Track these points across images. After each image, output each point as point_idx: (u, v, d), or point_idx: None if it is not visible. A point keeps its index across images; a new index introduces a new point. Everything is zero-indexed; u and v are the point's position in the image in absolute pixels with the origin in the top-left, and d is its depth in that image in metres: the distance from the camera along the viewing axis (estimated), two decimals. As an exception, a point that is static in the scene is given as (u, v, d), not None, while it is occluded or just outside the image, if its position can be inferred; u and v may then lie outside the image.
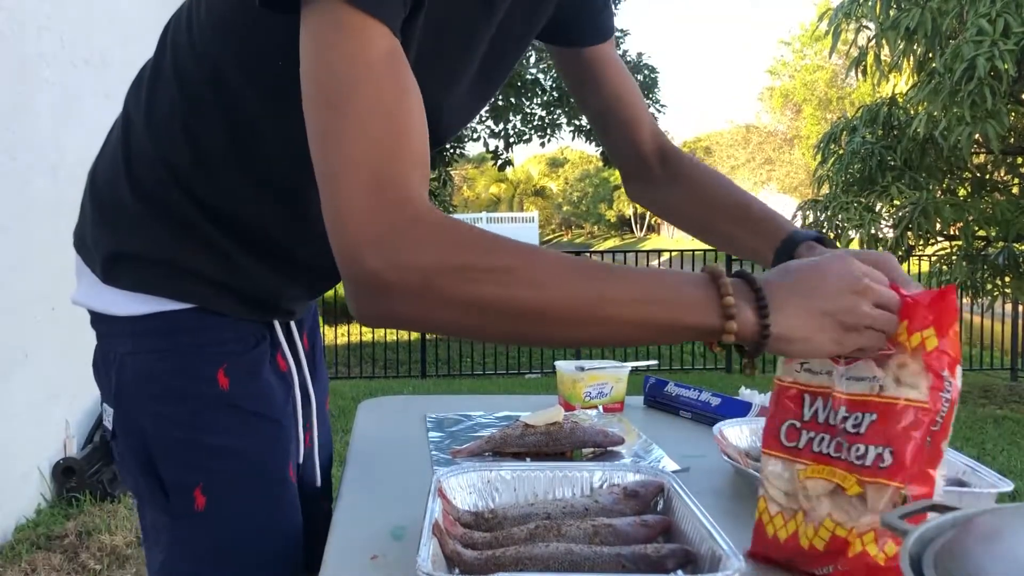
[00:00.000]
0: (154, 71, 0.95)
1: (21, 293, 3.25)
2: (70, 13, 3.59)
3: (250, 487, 0.98)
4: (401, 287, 0.67)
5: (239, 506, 0.97)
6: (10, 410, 3.21)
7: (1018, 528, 0.57)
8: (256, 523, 0.98)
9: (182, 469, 0.95)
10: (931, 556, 0.55)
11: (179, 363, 0.95)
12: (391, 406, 1.63)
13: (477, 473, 0.96)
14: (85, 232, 1.00)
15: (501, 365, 7.89)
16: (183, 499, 0.95)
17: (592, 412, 1.47)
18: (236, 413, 0.96)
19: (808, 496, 0.80)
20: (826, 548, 0.78)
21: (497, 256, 0.69)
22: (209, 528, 0.96)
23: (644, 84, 12.38)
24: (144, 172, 0.94)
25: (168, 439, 0.95)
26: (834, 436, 0.80)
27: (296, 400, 1.08)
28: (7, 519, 3.19)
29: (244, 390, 0.97)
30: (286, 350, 1.07)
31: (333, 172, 0.68)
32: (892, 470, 0.74)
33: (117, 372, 0.96)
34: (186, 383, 0.95)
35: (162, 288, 0.95)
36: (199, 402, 0.95)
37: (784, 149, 27.32)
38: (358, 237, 0.67)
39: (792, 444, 0.83)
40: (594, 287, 0.70)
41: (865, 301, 0.73)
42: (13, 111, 3.23)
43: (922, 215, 5.44)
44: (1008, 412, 5.88)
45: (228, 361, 0.96)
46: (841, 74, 19.28)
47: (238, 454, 0.97)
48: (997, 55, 4.62)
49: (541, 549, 0.79)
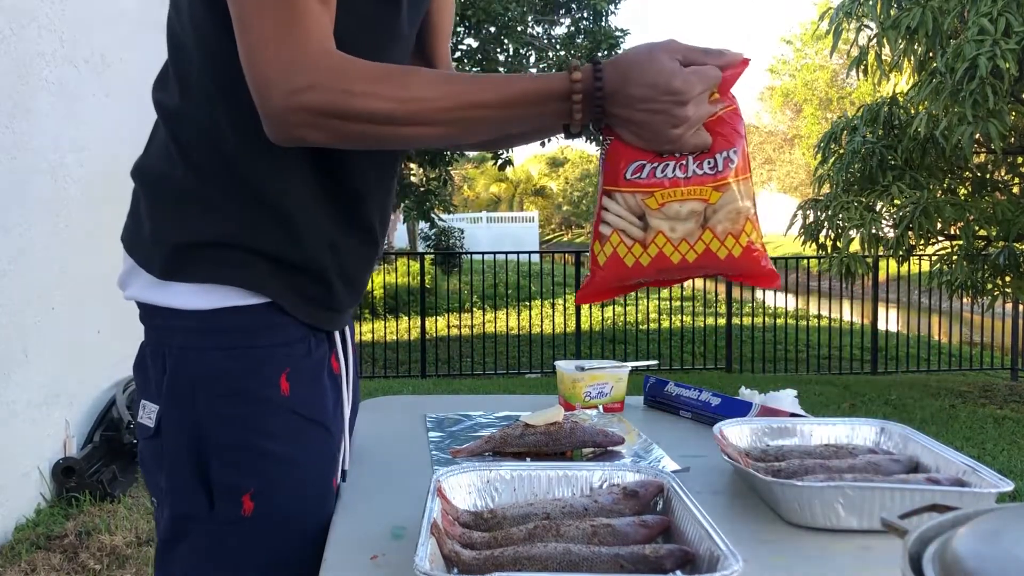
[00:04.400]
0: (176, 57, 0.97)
1: (21, 293, 3.25)
2: (70, 13, 3.59)
3: (299, 496, 0.96)
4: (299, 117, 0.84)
5: (286, 514, 0.95)
6: (10, 410, 3.22)
7: (1018, 528, 0.57)
8: (300, 532, 0.96)
9: (235, 472, 0.92)
10: (931, 556, 0.55)
11: (248, 363, 0.93)
12: (391, 406, 1.63)
13: (477, 473, 0.96)
14: (141, 231, 0.97)
15: (501, 365, 7.90)
16: (231, 504, 0.92)
17: (592, 412, 1.47)
18: (294, 420, 0.95)
19: (667, 218, 0.90)
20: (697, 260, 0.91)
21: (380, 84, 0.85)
22: (253, 535, 0.94)
23: (644, 84, 12.37)
24: (202, 156, 0.94)
25: (226, 441, 0.92)
26: (679, 162, 0.90)
27: (345, 404, 1.07)
28: (7, 519, 3.19)
29: (303, 397, 0.96)
30: (339, 351, 1.06)
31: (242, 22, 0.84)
32: (741, 167, 0.90)
33: (174, 367, 0.93)
34: (252, 385, 0.93)
35: (234, 278, 0.93)
36: (263, 406, 0.93)
37: (784, 149, 27.32)
38: (259, 76, 0.84)
39: (636, 177, 0.90)
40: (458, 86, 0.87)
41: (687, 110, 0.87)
42: (13, 111, 3.23)
43: (923, 215, 5.44)
44: (1008, 412, 5.88)
45: (291, 366, 0.95)
46: (841, 73, 19.28)
47: (292, 462, 0.95)
48: (999, 54, 4.61)
49: (540, 549, 0.79)
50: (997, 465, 4.17)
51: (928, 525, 0.60)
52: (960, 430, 5.21)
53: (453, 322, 9.05)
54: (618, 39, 12.59)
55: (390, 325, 9.58)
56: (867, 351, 8.08)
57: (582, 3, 12.80)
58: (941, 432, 5.00)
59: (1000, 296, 6.11)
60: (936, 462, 1.05)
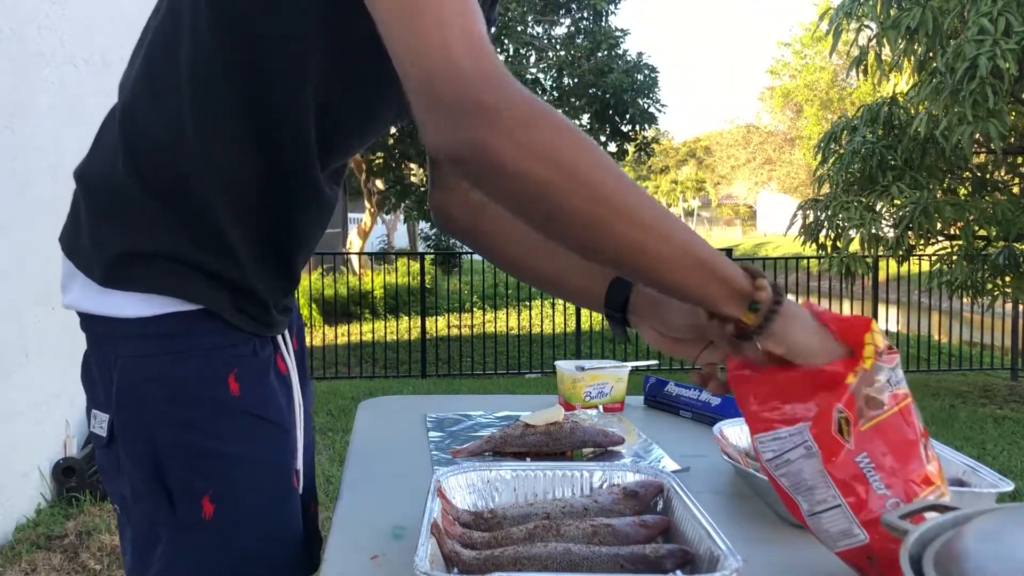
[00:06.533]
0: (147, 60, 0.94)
1: (21, 293, 3.25)
2: (70, 13, 3.59)
3: (259, 495, 0.95)
4: (508, 116, 0.70)
5: (248, 514, 0.94)
6: (10, 410, 3.22)
7: (1018, 528, 0.57)
8: (264, 531, 0.96)
9: (192, 476, 0.91)
10: (931, 556, 0.55)
11: (194, 365, 0.91)
12: (391, 406, 1.63)
13: (477, 473, 0.96)
14: (80, 235, 0.95)
15: (501, 365, 7.89)
16: (191, 507, 0.91)
17: (592, 412, 1.47)
18: (247, 420, 0.94)
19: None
20: None
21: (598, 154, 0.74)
22: (216, 537, 0.93)
23: (644, 84, 12.38)
24: (151, 165, 0.90)
25: (180, 444, 0.91)
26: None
27: (296, 403, 1.06)
28: (7, 519, 3.19)
29: (254, 396, 0.95)
30: (284, 352, 1.05)
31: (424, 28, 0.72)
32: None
33: (120, 376, 0.92)
34: (200, 387, 0.92)
35: (174, 288, 0.91)
36: (213, 407, 0.92)
37: (785, 149, 27.32)
38: (467, 65, 0.70)
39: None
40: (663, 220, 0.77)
41: None
42: (13, 111, 3.23)
43: (923, 214, 5.44)
44: (1008, 412, 5.88)
45: (239, 366, 0.94)
46: (842, 74, 19.28)
47: (249, 461, 0.94)
48: (999, 54, 4.61)
49: (540, 549, 0.79)
50: (997, 465, 4.17)
51: (928, 525, 0.60)
52: (960, 430, 5.21)
53: (453, 322, 9.05)
54: (618, 39, 12.60)
55: (390, 325, 9.58)
56: (867, 351, 8.06)
57: (582, 3, 12.81)
58: (941, 432, 4.99)
59: (1000, 296, 6.11)
60: (936, 462, 1.05)
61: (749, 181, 31.20)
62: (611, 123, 12.68)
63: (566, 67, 12.42)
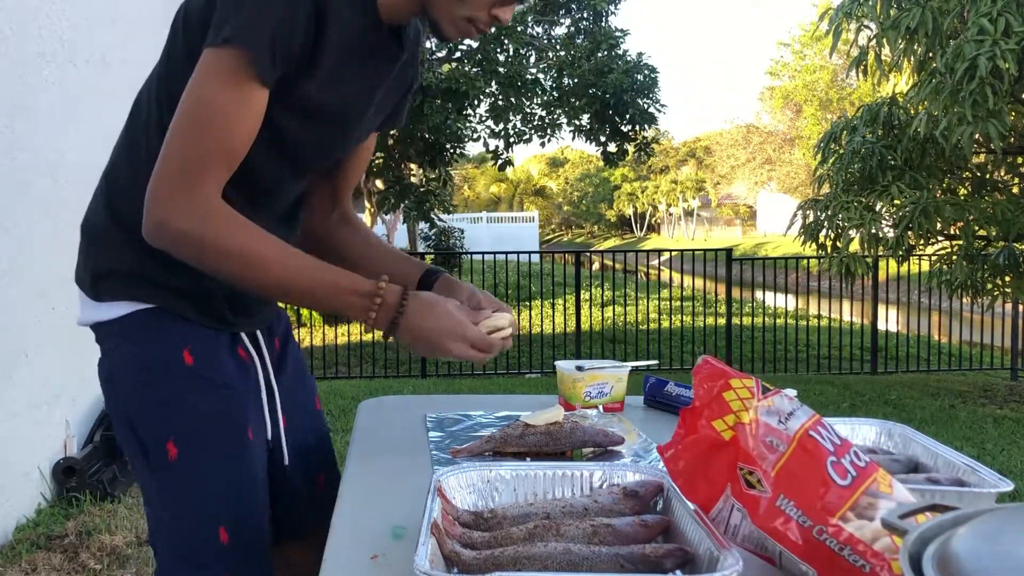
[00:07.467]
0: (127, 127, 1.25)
1: (21, 293, 3.25)
2: (70, 13, 3.59)
3: (214, 439, 1.18)
4: (168, 233, 1.07)
5: (206, 455, 1.17)
6: (10, 410, 3.22)
7: (1018, 528, 0.57)
8: (221, 469, 1.18)
9: (156, 426, 1.17)
10: (931, 556, 0.55)
11: (152, 347, 1.19)
12: (391, 406, 1.63)
13: (477, 473, 0.96)
14: (80, 265, 1.26)
15: (501, 365, 7.89)
16: (159, 452, 1.16)
17: (592, 412, 1.47)
18: (199, 380, 1.19)
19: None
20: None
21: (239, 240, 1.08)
22: (182, 475, 1.17)
23: (644, 84, 12.36)
24: (119, 204, 1.20)
25: (143, 403, 1.18)
26: None
27: (259, 384, 1.29)
28: (7, 519, 3.19)
29: (206, 364, 1.20)
30: (247, 344, 1.29)
31: (163, 152, 1.07)
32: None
33: (108, 361, 1.21)
34: (157, 360, 1.18)
35: (136, 295, 1.20)
36: (167, 372, 1.18)
37: (784, 149, 27.31)
38: (156, 191, 1.07)
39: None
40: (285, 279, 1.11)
41: (463, 346, 1.16)
42: (13, 111, 3.23)
43: (922, 215, 5.44)
44: (1008, 412, 5.88)
45: (192, 343, 1.20)
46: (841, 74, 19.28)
47: (202, 412, 1.18)
48: (998, 54, 4.61)
49: (540, 549, 0.79)
50: (997, 465, 4.17)
51: (928, 525, 0.60)
52: (960, 430, 5.21)
53: (453, 322, 9.01)
54: (618, 39, 12.58)
55: (390, 325, 9.55)
56: (867, 351, 8.08)
57: (582, 3, 12.80)
58: (941, 432, 4.99)
59: (1000, 296, 6.11)
60: (936, 462, 1.05)
61: (749, 181, 31.19)
62: (611, 123, 12.67)
63: (566, 67, 12.41)
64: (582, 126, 13.04)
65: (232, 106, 1.07)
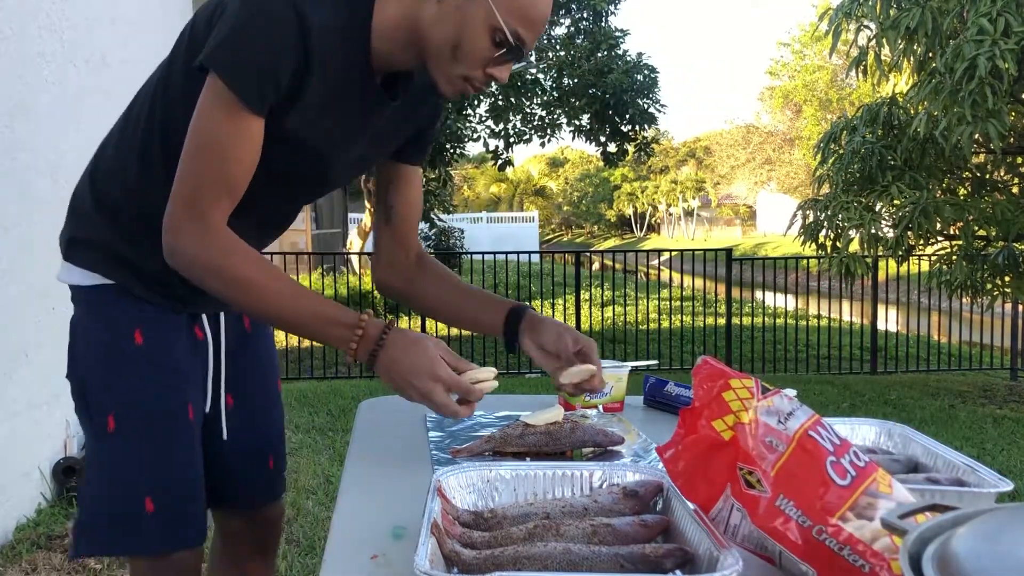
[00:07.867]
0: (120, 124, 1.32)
1: (21, 293, 3.25)
2: (70, 13, 3.59)
3: (151, 418, 1.28)
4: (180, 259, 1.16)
5: (140, 432, 1.27)
6: (10, 410, 3.21)
7: (1018, 528, 0.57)
8: (154, 447, 1.28)
9: (102, 396, 1.28)
10: (931, 556, 0.55)
11: (106, 323, 1.29)
12: (391, 406, 1.63)
13: (477, 473, 0.97)
14: (63, 228, 1.36)
15: (501, 365, 7.89)
16: (101, 421, 1.27)
17: (592, 412, 1.47)
18: (145, 361, 1.28)
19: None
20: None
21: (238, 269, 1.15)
22: (118, 447, 1.27)
23: (644, 84, 12.35)
24: (102, 186, 1.31)
25: (93, 376, 1.28)
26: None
27: (208, 362, 1.40)
28: (7, 518, 3.19)
29: (155, 346, 1.29)
30: (205, 325, 1.40)
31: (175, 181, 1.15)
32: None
33: (72, 327, 1.33)
34: (109, 336, 1.29)
35: (99, 268, 1.29)
36: (117, 350, 1.28)
37: (784, 149, 27.31)
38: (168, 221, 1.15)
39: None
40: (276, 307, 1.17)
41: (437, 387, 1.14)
42: (13, 111, 3.23)
43: (922, 215, 5.43)
44: (1008, 412, 5.88)
45: (144, 324, 1.29)
46: (841, 74, 19.28)
47: (143, 391, 1.28)
48: (998, 54, 4.61)
49: (539, 549, 0.79)
50: (997, 465, 4.17)
51: (928, 525, 0.60)
52: (960, 430, 5.21)
53: (453, 322, 9.02)
54: (618, 39, 12.58)
55: (390, 325, 9.55)
56: (867, 351, 8.08)
57: (582, 3, 12.79)
58: (941, 432, 5.00)
59: (1000, 296, 6.11)
60: (936, 462, 1.05)
61: (749, 181, 31.19)
62: (611, 123, 12.67)
63: (566, 67, 12.40)
64: (582, 126, 13.04)
65: (229, 139, 1.13)
